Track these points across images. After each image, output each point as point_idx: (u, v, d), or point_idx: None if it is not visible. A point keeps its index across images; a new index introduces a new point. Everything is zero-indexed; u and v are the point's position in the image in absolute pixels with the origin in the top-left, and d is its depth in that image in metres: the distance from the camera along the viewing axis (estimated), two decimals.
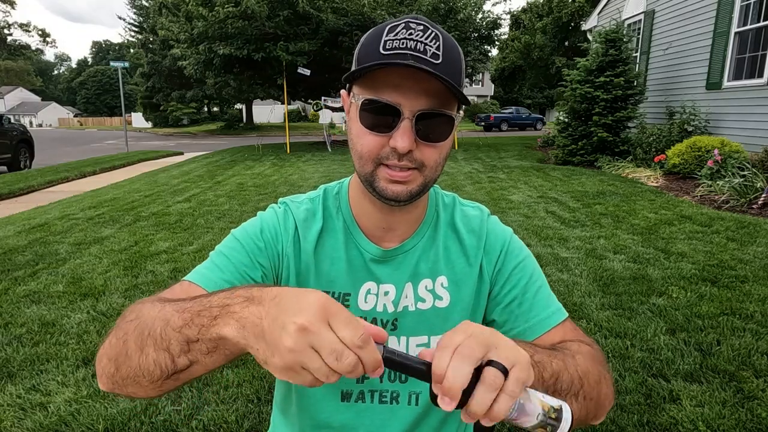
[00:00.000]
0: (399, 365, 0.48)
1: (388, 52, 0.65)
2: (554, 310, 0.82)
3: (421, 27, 0.67)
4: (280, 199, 0.87)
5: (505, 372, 0.46)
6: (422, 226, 0.84)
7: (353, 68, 0.70)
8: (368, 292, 0.82)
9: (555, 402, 0.49)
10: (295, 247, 0.81)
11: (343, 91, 0.76)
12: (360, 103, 0.68)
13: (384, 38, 0.67)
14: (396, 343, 0.82)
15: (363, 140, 0.70)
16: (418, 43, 0.65)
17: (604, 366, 0.72)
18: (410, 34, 0.66)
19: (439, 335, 0.83)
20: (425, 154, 0.70)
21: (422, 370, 0.48)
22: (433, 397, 0.47)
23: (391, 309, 0.82)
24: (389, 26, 0.68)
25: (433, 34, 0.67)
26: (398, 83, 0.66)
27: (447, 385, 0.45)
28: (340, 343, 0.44)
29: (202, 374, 0.57)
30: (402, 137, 0.66)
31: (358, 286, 0.82)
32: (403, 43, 0.65)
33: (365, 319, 0.80)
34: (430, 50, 0.65)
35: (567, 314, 0.83)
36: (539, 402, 0.48)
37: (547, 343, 0.78)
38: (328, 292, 0.79)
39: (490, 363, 0.46)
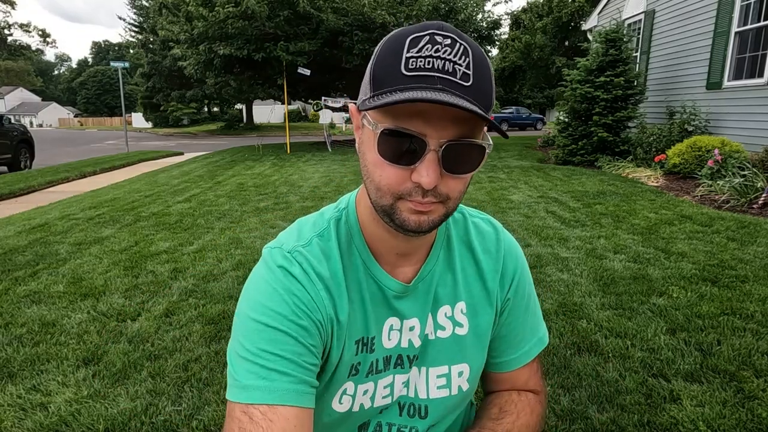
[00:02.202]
0: None
1: (412, 74, 0.56)
2: (539, 338, 0.85)
3: (449, 41, 0.57)
4: (288, 254, 0.71)
5: None
6: (435, 247, 0.78)
7: (368, 86, 0.61)
8: (391, 328, 0.76)
9: None
10: (333, 307, 0.71)
11: (352, 106, 0.67)
12: (378, 132, 0.59)
13: (405, 54, 0.57)
14: (417, 375, 0.79)
15: (382, 172, 0.61)
16: (446, 62, 0.56)
17: (542, 424, 0.79)
18: (436, 50, 0.56)
19: (458, 364, 0.80)
20: (450, 187, 0.62)
21: None
22: None
23: (417, 344, 0.77)
24: (411, 38, 0.58)
25: (461, 49, 0.57)
26: (422, 109, 0.57)
27: None
28: None
29: None
30: (428, 171, 0.58)
31: (380, 325, 0.76)
32: (428, 63, 0.56)
33: (390, 357, 0.77)
34: (459, 70, 0.57)
35: (547, 340, 0.86)
36: None
37: (513, 380, 0.85)
38: (359, 340, 0.74)
39: None
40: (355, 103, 0.67)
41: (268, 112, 44.59)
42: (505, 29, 32.05)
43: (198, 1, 13.66)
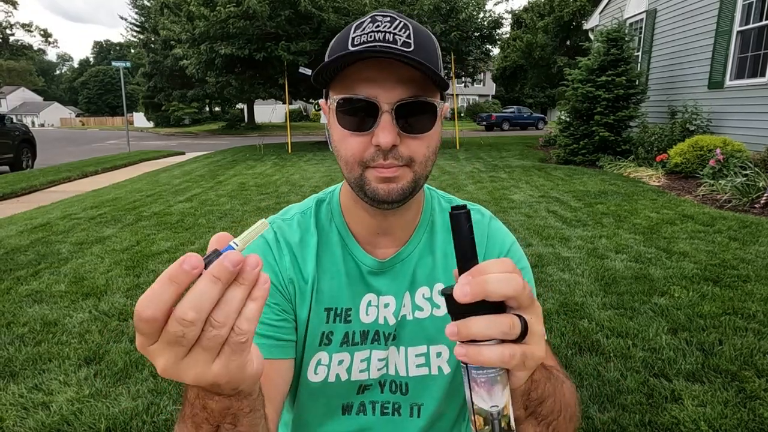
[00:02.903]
0: (465, 230, 0.41)
1: (357, 48, 0.62)
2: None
3: (388, 18, 0.64)
4: (270, 225, 0.80)
5: (522, 337, 0.42)
6: (417, 231, 0.81)
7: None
8: (369, 304, 0.79)
9: (513, 423, 0.45)
10: (296, 271, 0.77)
11: (322, 101, 0.73)
12: (335, 104, 0.65)
13: (351, 35, 0.64)
14: (396, 354, 0.81)
15: (345, 144, 0.66)
16: (387, 34, 0.62)
17: (579, 406, 0.71)
18: (377, 26, 0.63)
19: (438, 345, 0.81)
20: (412, 148, 0.66)
21: (470, 253, 0.42)
22: (448, 288, 0.42)
23: (392, 321, 0.79)
24: (356, 24, 0.65)
25: (401, 24, 0.63)
26: (372, 76, 0.62)
27: (480, 281, 0.41)
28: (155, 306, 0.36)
29: None
30: (383, 132, 0.62)
31: (358, 299, 0.79)
32: (371, 36, 0.62)
33: (367, 332, 0.79)
34: (400, 39, 0.62)
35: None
36: (507, 401, 0.44)
37: None
38: (330, 309, 0.78)
39: (519, 316, 0.42)
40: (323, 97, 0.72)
41: (269, 111, 44.58)
42: (506, 29, 32.06)
43: (199, 0, 13.67)
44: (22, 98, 67.48)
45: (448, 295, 0.42)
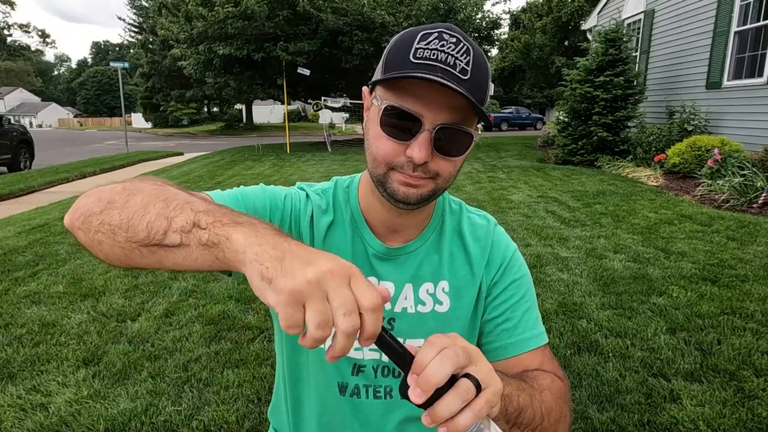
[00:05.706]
0: (388, 345, 0.48)
1: (418, 61, 0.65)
2: (538, 333, 0.84)
3: (454, 39, 0.66)
4: (299, 184, 0.88)
5: (478, 389, 0.47)
6: (427, 230, 0.85)
7: (380, 69, 0.70)
8: None
9: None
10: (310, 231, 0.82)
11: (365, 88, 0.76)
12: (383, 107, 0.68)
13: (415, 45, 0.66)
14: None
15: (380, 144, 0.70)
16: (449, 56, 0.65)
17: (568, 404, 0.75)
18: (442, 45, 0.65)
19: None
20: (440, 166, 0.70)
21: (404, 358, 0.48)
22: (404, 388, 0.48)
23: (387, 307, 0.81)
24: (422, 33, 0.67)
25: (464, 48, 0.66)
26: (423, 94, 0.65)
27: (424, 378, 0.46)
28: (354, 303, 0.44)
29: (174, 267, 0.54)
30: (420, 148, 0.66)
31: None
32: (433, 54, 0.65)
33: None
34: (459, 65, 0.65)
35: (547, 340, 0.85)
36: None
37: (524, 365, 0.80)
38: None
39: (467, 376, 0.48)
40: (368, 85, 0.76)
41: (267, 112, 44.56)
42: (504, 29, 32.06)
43: (197, 0, 13.66)
44: (20, 99, 67.32)
45: (406, 396, 0.48)
